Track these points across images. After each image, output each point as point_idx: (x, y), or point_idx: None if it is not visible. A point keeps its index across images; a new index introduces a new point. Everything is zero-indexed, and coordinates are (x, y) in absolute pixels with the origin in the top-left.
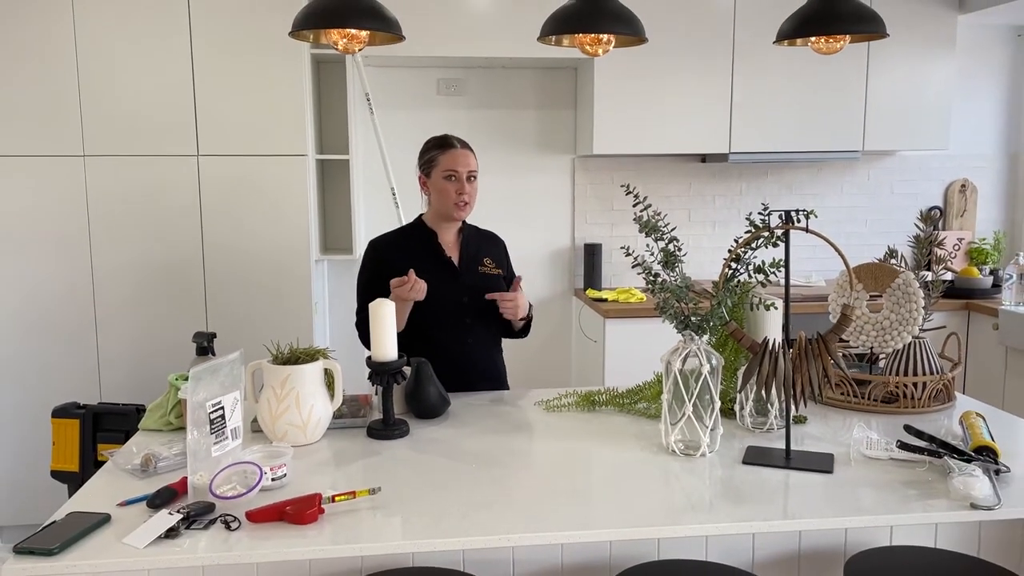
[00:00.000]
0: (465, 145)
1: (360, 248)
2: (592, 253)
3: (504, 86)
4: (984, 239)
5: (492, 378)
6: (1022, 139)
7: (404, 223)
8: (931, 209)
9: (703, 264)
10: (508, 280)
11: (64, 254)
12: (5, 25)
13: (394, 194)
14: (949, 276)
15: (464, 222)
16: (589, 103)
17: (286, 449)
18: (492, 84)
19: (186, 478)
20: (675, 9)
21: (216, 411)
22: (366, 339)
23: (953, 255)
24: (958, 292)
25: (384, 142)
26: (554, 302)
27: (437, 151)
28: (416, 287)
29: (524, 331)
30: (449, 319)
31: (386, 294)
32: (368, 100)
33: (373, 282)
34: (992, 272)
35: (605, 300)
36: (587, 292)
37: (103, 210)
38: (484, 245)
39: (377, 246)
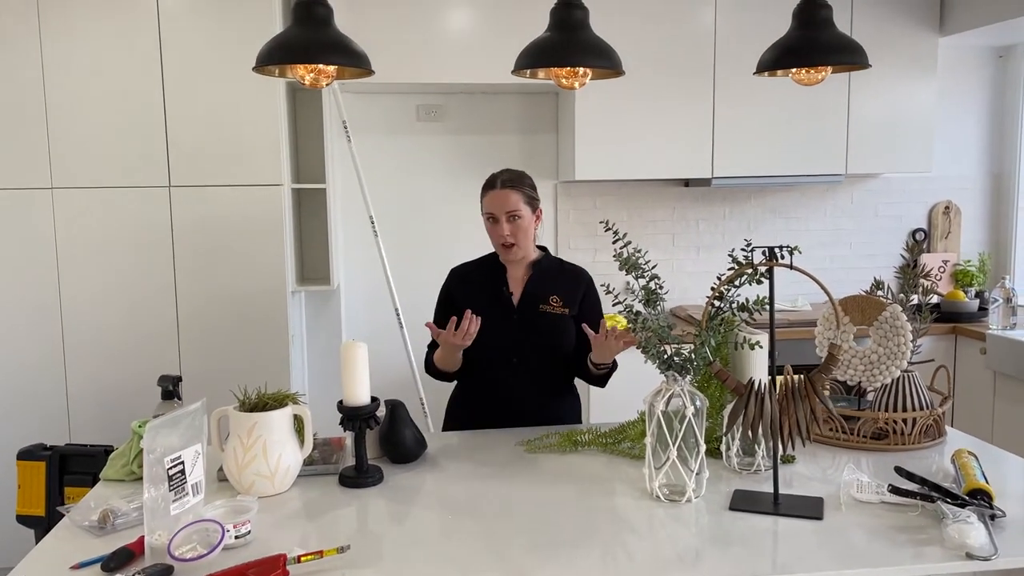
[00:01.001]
0: (509, 183)
1: (337, 278)
2: None
3: (485, 112)
4: (969, 261)
5: (541, 420)
6: (1005, 160)
7: (383, 252)
8: (915, 232)
9: (687, 289)
10: (581, 317)
11: (31, 289)
12: None
13: (373, 223)
14: (936, 299)
15: (546, 254)
16: (571, 129)
17: (251, 503)
18: (472, 110)
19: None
20: (655, 35)
21: (175, 466)
22: (427, 365)
23: (939, 278)
24: (944, 316)
25: (362, 170)
26: None
27: (483, 192)
28: (458, 335)
29: (602, 380)
30: (497, 356)
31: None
32: (345, 127)
33: (442, 310)
34: (978, 295)
35: None
36: None
37: (72, 243)
38: (558, 282)
39: (452, 275)
